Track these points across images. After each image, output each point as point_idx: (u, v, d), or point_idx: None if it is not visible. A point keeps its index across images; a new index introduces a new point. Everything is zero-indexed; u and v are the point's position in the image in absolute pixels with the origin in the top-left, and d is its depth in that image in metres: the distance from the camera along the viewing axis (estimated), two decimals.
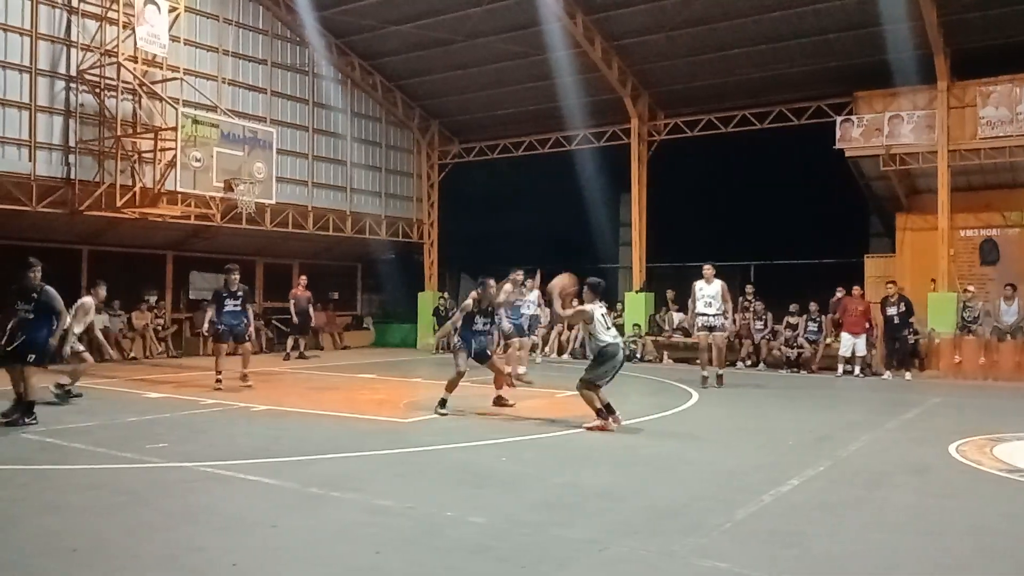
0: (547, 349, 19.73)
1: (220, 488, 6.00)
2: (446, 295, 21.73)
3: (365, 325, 23.16)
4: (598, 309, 8.69)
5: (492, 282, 10.23)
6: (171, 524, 5.07)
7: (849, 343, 15.22)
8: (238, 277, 12.33)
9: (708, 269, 13.25)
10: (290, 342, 18.05)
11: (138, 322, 17.35)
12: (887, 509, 5.63)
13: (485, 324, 10.07)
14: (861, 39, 16.14)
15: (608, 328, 8.64)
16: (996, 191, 17.17)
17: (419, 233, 22.68)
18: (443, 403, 9.64)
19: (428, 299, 22.04)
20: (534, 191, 21.73)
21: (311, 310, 18.79)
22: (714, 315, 12.97)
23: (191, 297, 19.44)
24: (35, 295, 8.50)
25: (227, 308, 11.99)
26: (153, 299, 18.12)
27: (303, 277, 19.05)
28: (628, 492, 6.06)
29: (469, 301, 10.03)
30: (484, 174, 22.48)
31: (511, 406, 10.17)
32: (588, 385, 8.56)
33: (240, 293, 12.21)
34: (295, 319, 18.13)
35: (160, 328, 17.92)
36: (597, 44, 17.76)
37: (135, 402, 10.63)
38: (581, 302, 9.05)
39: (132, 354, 16.94)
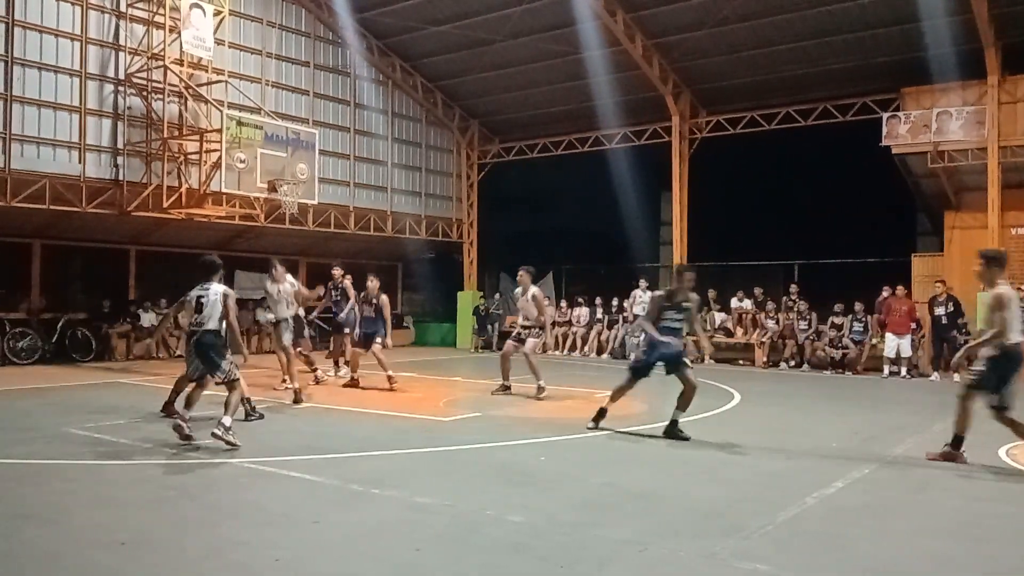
0: (586, 348, 19.70)
1: (264, 484, 6.09)
2: (481, 295, 21.79)
3: (405, 324, 23.30)
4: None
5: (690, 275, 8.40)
6: (216, 519, 5.16)
7: (893, 344, 14.95)
8: (377, 284, 12.16)
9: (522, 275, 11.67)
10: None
11: (184, 321, 17.63)
12: (933, 513, 5.52)
13: (677, 320, 8.22)
14: (908, 34, 15.81)
15: (199, 312, 7.85)
16: None
17: (458, 232, 22.77)
18: (601, 415, 8.42)
19: (467, 298, 22.11)
20: (573, 190, 21.70)
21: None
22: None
23: (237, 296, 19.71)
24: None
25: (365, 314, 12.12)
26: None
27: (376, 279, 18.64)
28: (669, 493, 6.02)
29: (661, 293, 8.69)
30: (523, 173, 22.51)
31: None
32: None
33: (374, 300, 11.99)
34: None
35: None
36: (638, 41, 17.66)
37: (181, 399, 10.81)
38: None
39: (178, 351, 17.25)
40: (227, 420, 7.22)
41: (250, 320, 19.22)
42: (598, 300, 20.24)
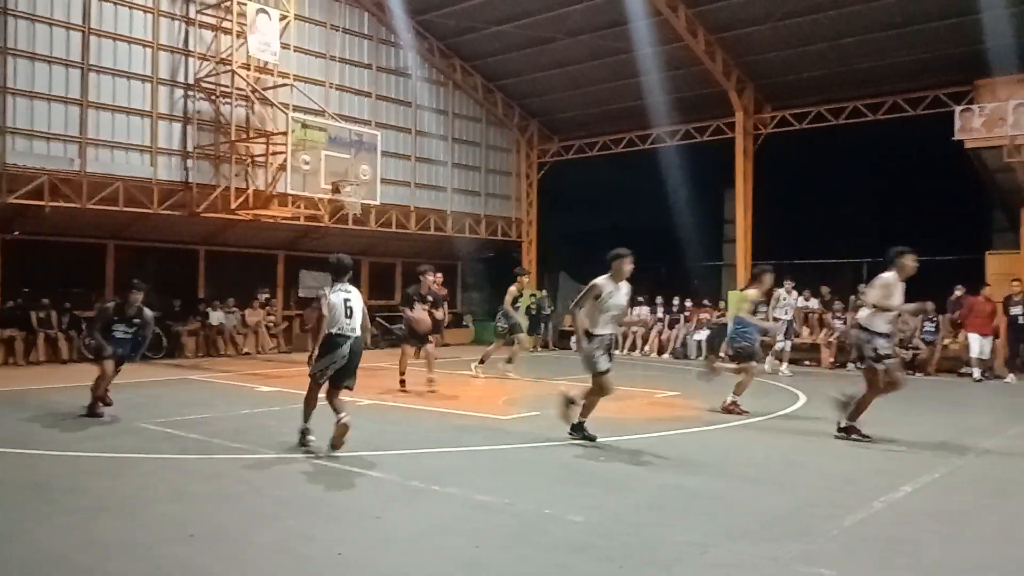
0: (647, 348, 19.54)
1: (328, 479, 6.20)
2: (542, 293, 21.75)
3: (464, 323, 23.45)
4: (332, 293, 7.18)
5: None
6: (283, 513, 5.28)
7: (978, 344, 14.47)
8: (434, 278, 11.97)
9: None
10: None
11: (251, 319, 18.10)
12: (1009, 520, 5.32)
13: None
14: (981, 24, 15.24)
15: (349, 316, 7.08)
16: None
17: (518, 232, 22.82)
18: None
19: (526, 298, 22.11)
20: (634, 188, 21.48)
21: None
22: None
23: (301, 295, 20.14)
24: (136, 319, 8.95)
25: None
26: (265, 297, 18.86)
27: (439, 275, 18.67)
28: (734, 495, 5.94)
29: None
30: (584, 172, 22.41)
31: None
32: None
33: (430, 298, 11.81)
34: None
35: (272, 324, 18.64)
36: (700, 37, 17.44)
37: (248, 395, 11.11)
38: None
39: (245, 349, 17.70)
40: (347, 418, 6.90)
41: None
42: (659, 299, 20.06)
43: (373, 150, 16.46)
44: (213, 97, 16.25)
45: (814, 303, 18.05)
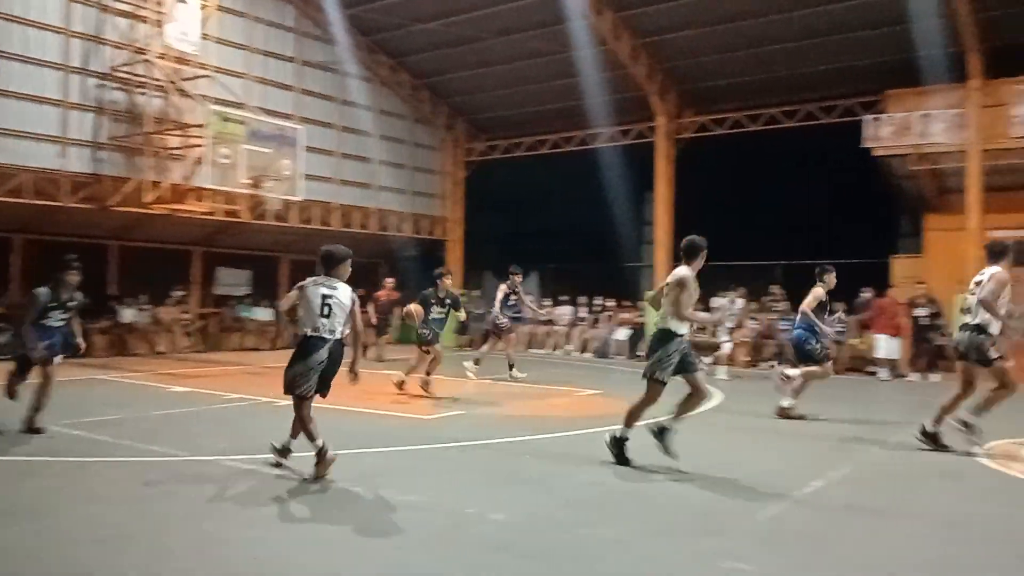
0: (569, 346, 19.76)
1: (246, 482, 6.06)
2: (475, 293, 21.75)
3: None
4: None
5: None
6: (197, 516, 5.14)
7: (884, 344, 15.10)
8: (451, 282, 11.51)
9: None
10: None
11: (165, 317, 17.56)
12: (914, 513, 5.57)
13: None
14: (892, 36, 15.93)
15: (327, 316, 6.19)
16: None
17: (443, 231, 22.75)
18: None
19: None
20: (560, 189, 21.70)
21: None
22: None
23: (218, 293, 19.64)
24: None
25: (433, 315, 11.14)
26: (180, 294, 18.33)
27: (390, 280, 18.52)
28: (654, 491, 6.05)
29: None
30: (511, 172, 22.50)
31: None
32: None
33: (448, 300, 11.31)
34: (373, 321, 16.90)
35: (187, 323, 18.12)
36: (625, 41, 17.73)
37: (162, 396, 10.77)
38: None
39: (160, 348, 17.15)
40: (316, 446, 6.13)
41: (231, 317, 19.17)
42: (582, 299, 20.32)
43: (296, 145, 16.17)
44: (128, 87, 15.68)
45: (731, 303, 18.57)
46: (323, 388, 6.24)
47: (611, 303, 20.00)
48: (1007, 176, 16.41)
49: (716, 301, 18.71)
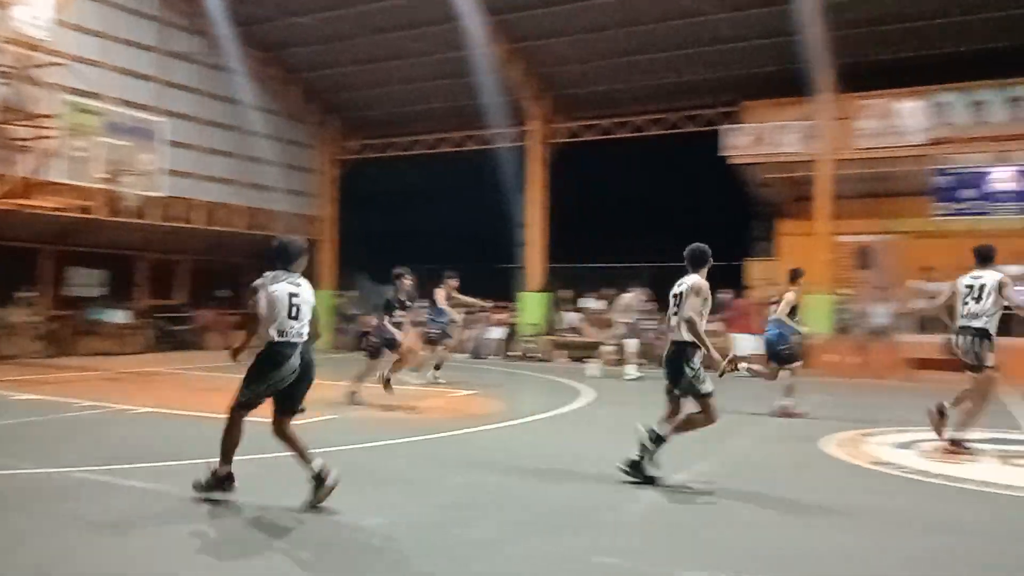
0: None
1: (96, 493, 5.73)
2: (353, 294, 21.43)
3: None
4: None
5: None
6: (42, 531, 4.82)
7: (744, 343, 15.90)
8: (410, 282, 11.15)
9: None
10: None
11: (12, 319, 16.37)
12: (767, 502, 5.90)
13: None
14: (751, 51, 16.85)
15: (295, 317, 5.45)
16: (872, 199, 18.20)
17: (317, 230, 22.26)
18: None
19: (323, 298, 21.64)
20: (436, 190, 21.67)
21: None
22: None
23: (70, 294, 18.45)
24: None
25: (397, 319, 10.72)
26: (29, 295, 17.12)
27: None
28: (528, 490, 6.14)
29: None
30: (386, 172, 22.29)
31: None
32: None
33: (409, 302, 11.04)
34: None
35: (36, 326, 16.94)
36: (501, 45, 17.89)
37: (3, 404, 10.03)
38: None
39: (6, 352, 15.96)
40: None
41: (84, 320, 18.07)
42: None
43: (158, 139, 15.42)
44: None
45: (600, 304, 19.12)
46: (295, 404, 5.49)
47: (486, 303, 20.11)
48: (852, 184, 17.64)
49: (625, 298, 19.20)
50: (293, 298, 5.40)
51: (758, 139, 17.27)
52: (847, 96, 16.66)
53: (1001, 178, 16.18)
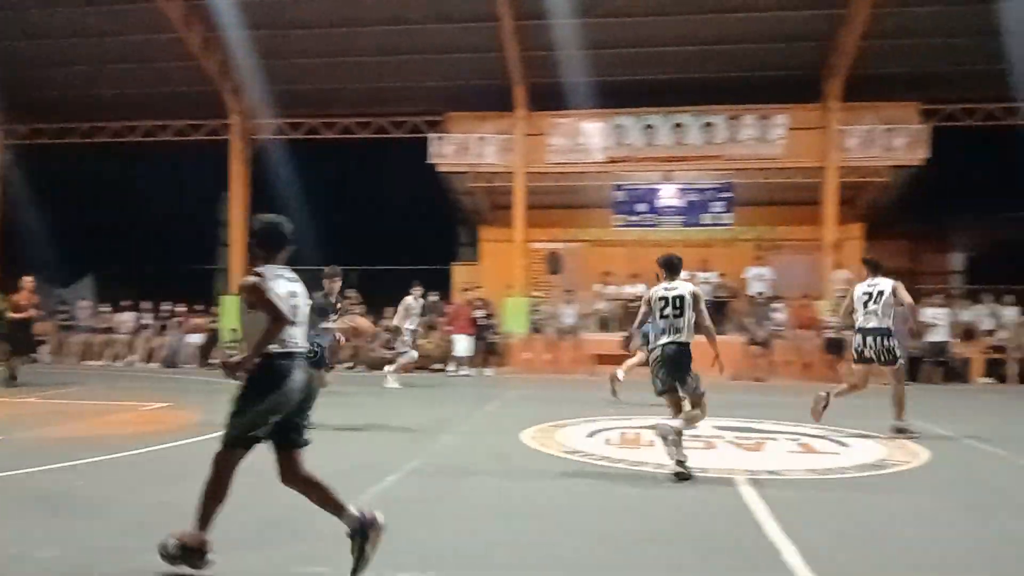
0: (133, 357, 18.20)
1: None
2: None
3: None
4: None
5: None
6: None
7: (462, 343, 16.51)
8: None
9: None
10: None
11: None
12: (474, 496, 6.19)
13: None
14: (454, 63, 17.51)
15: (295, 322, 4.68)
16: (562, 210, 19.80)
17: None
18: None
19: None
20: (121, 182, 19.86)
21: None
22: None
23: None
24: None
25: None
26: None
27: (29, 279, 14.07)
28: (230, 505, 5.86)
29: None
30: (63, 162, 19.94)
31: None
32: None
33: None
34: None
35: None
36: (198, 32, 16.85)
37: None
38: None
39: None
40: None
41: None
42: (146, 304, 18.86)
43: None
44: None
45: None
46: (302, 432, 4.50)
47: (181, 308, 18.83)
48: (545, 196, 19.06)
49: (407, 300, 18.76)
50: (292, 297, 4.41)
51: (462, 149, 18.03)
52: (540, 114, 17.96)
53: (667, 194, 18.43)
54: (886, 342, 8.60)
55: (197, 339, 18.17)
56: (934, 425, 9.65)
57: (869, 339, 8.65)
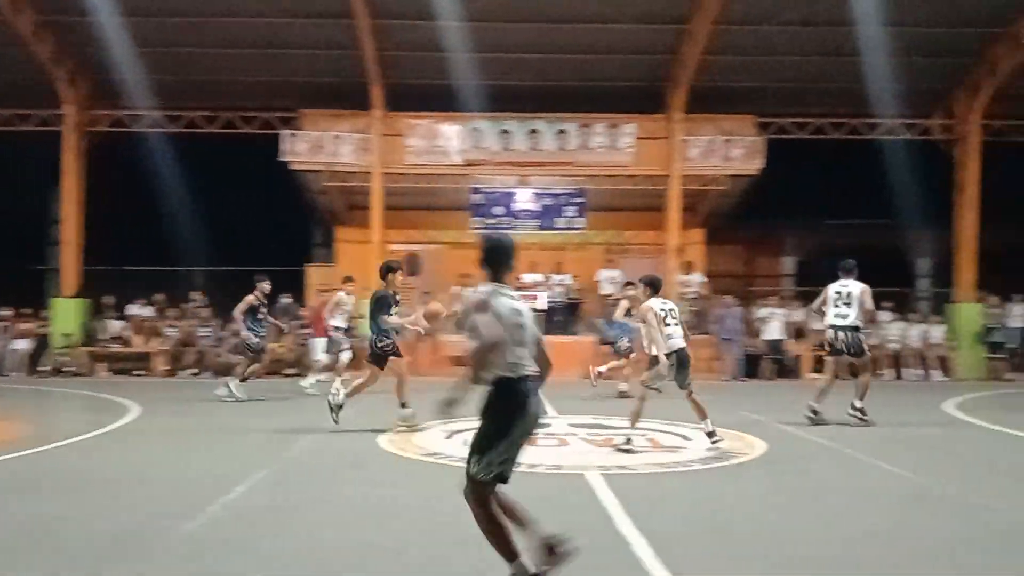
0: None
1: None
2: None
3: None
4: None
5: None
6: None
7: (318, 345, 16.07)
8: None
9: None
10: None
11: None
12: (333, 504, 6.10)
13: None
14: (309, 59, 17.12)
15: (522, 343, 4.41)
16: (420, 211, 19.76)
17: None
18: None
19: None
20: None
21: None
22: None
23: None
24: None
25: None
26: None
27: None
28: (79, 518, 5.53)
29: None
30: None
31: None
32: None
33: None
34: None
35: None
36: (27, 15, 15.65)
37: None
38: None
39: None
40: None
41: None
42: None
43: None
44: None
45: (148, 311, 17.85)
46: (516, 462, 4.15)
47: (7, 311, 17.42)
48: (403, 197, 18.96)
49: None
50: (516, 316, 4.08)
51: (316, 147, 17.63)
52: (397, 114, 17.84)
53: (523, 198, 18.78)
54: (854, 337, 9.81)
55: (25, 345, 16.89)
56: (769, 418, 10.37)
57: (840, 334, 9.86)
